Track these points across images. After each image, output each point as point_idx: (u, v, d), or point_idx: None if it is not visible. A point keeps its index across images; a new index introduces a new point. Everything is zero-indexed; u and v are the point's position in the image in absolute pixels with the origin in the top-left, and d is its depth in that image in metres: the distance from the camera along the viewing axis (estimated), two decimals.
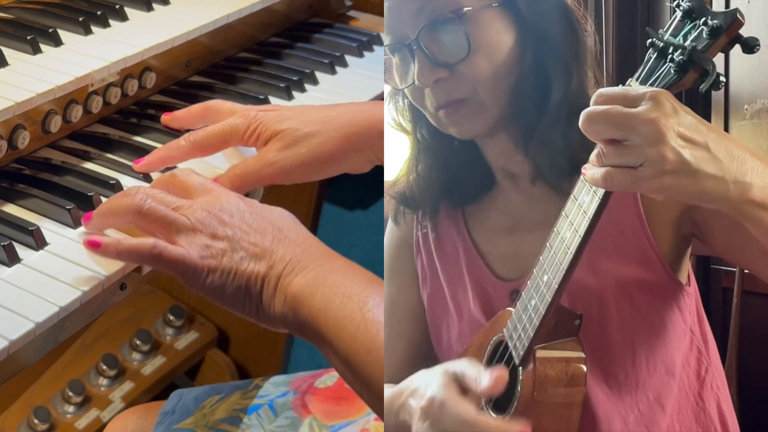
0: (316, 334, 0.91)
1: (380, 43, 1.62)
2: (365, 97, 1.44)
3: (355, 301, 0.89)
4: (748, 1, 1.81)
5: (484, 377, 0.95)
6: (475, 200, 1.17)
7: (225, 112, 1.17)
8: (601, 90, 0.80)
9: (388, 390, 1.03)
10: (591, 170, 0.82)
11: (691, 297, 1.10)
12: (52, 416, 1.70)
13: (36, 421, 1.67)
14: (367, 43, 1.61)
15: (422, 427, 0.95)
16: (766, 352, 1.89)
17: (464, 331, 1.14)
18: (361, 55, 1.59)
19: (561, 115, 1.04)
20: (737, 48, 0.81)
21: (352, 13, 1.76)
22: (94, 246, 0.97)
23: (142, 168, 1.17)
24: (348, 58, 1.56)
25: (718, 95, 1.86)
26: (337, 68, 1.53)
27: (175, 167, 1.16)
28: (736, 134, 1.79)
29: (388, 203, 1.23)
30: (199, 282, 0.94)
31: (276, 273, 0.94)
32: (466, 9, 1.03)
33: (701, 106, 1.88)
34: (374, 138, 1.13)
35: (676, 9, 0.82)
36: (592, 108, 0.79)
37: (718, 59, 0.81)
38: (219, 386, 1.29)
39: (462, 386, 0.97)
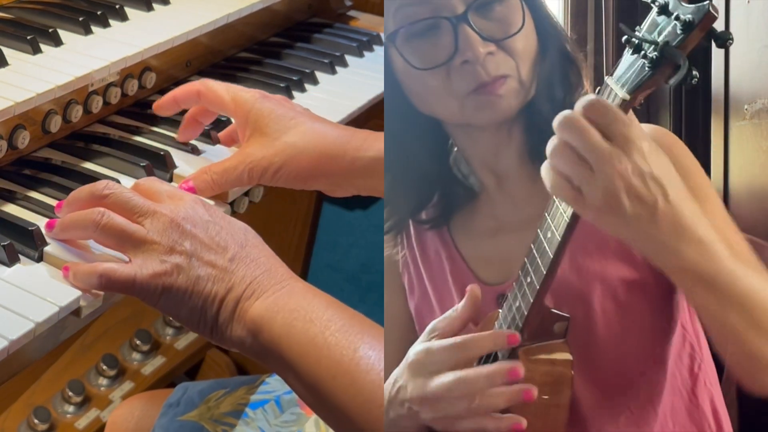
0: (278, 360, 0.88)
1: (380, 43, 1.62)
2: (365, 97, 1.44)
3: (317, 325, 0.86)
4: (748, 1, 1.81)
5: (460, 304, 0.96)
6: (453, 215, 1.16)
7: (219, 101, 1.13)
8: (591, 99, 0.80)
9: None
10: (545, 164, 0.82)
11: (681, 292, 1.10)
12: (52, 416, 1.70)
13: (36, 421, 1.67)
14: (367, 43, 1.61)
15: (415, 385, 0.93)
16: None
17: None
18: (361, 55, 1.59)
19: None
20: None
21: (352, 13, 1.76)
22: (64, 274, 0.95)
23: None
24: (348, 58, 1.56)
25: (718, 95, 1.86)
26: (337, 68, 1.53)
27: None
28: (736, 134, 1.78)
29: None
30: (152, 301, 0.91)
31: (234, 296, 0.90)
32: None
33: (701, 107, 1.87)
34: (344, 166, 1.08)
35: (652, 5, 0.83)
36: (571, 114, 0.80)
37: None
38: (225, 381, 1.29)
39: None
